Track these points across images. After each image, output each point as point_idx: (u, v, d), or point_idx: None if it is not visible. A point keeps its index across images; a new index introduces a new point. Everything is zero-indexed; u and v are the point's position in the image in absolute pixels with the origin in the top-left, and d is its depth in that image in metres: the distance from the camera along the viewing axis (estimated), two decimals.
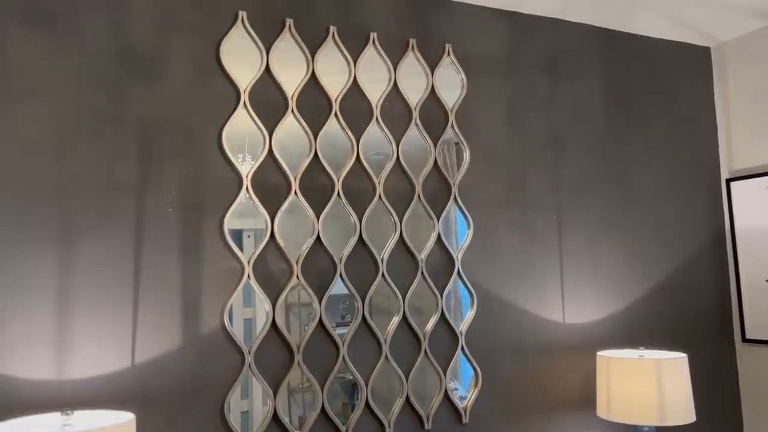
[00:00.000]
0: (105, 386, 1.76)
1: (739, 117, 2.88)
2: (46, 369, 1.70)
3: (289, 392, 1.99)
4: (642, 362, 2.17)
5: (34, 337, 1.70)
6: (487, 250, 2.38)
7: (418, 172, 2.27)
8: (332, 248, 2.09)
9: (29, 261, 1.72)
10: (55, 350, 1.72)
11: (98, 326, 1.77)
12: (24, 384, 1.67)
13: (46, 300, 1.73)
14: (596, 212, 2.62)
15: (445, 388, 2.22)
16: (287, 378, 1.98)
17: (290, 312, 2.02)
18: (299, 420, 1.99)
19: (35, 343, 1.70)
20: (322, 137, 2.12)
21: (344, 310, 2.09)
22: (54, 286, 1.74)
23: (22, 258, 1.71)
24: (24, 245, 1.72)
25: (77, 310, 1.75)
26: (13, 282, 1.70)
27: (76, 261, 1.77)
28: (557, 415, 2.42)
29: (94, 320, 1.77)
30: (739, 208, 2.84)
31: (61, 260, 1.75)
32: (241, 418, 1.91)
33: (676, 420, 2.13)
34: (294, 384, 2.00)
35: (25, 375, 1.68)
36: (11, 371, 1.67)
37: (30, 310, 1.71)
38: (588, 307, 2.54)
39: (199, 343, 1.89)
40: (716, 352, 2.80)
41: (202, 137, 1.97)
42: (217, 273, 1.94)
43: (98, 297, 1.78)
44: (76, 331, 1.75)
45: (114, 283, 1.81)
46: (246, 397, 1.93)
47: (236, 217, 1.97)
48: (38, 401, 1.68)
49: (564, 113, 2.61)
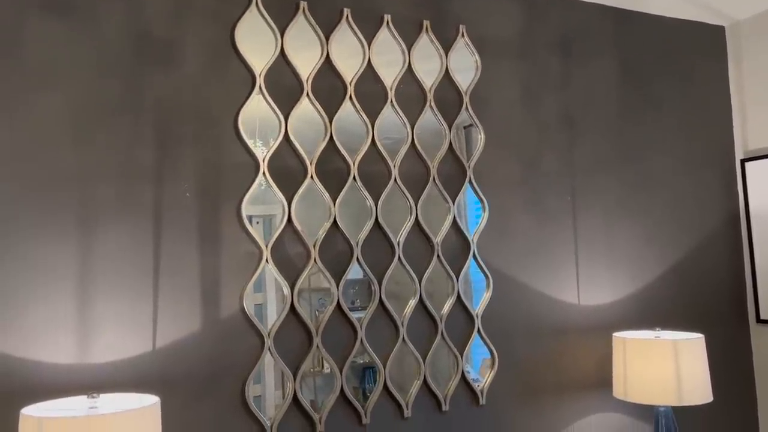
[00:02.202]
0: (127, 370, 1.78)
1: (754, 96, 2.86)
2: (70, 353, 1.72)
3: (300, 377, 2.01)
4: (659, 343, 2.17)
5: (56, 323, 1.72)
6: (502, 232, 2.38)
7: (432, 155, 2.26)
8: (348, 232, 2.10)
9: (50, 248, 1.73)
10: (77, 335, 1.73)
11: (119, 311, 1.79)
12: (48, 368, 1.69)
13: (68, 286, 1.74)
14: (611, 193, 2.61)
15: (462, 370, 2.23)
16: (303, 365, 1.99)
17: (301, 298, 2.03)
18: (311, 404, 2.00)
19: (58, 328, 1.72)
20: (337, 121, 2.11)
21: (354, 295, 2.09)
22: (75, 272, 1.75)
23: (43, 245, 1.72)
24: (45, 233, 1.73)
25: (98, 296, 1.77)
26: (35, 269, 1.71)
27: (96, 247, 1.78)
28: (573, 396, 2.43)
29: (116, 305, 1.78)
30: (753, 188, 2.83)
31: (82, 247, 1.76)
32: (254, 402, 1.92)
33: (693, 400, 2.14)
34: (305, 368, 2.01)
35: (48, 359, 1.69)
36: (35, 356, 1.68)
37: (52, 296, 1.72)
38: (603, 288, 2.54)
39: (219, 327, 1.90)
40: (730, 333, 2.80)
41: (218, 122, 1.96)
42: (235, 257, 1.94)
43: (119, 282, 1.79)
44: (98, 316, 1.76)
45: (134, 268, 1.82)
46: (259, 382, 1.95)
47: (246, 203, 1.97)
48: (62, 385, 1.69)
49: (578, 94, 2.60)
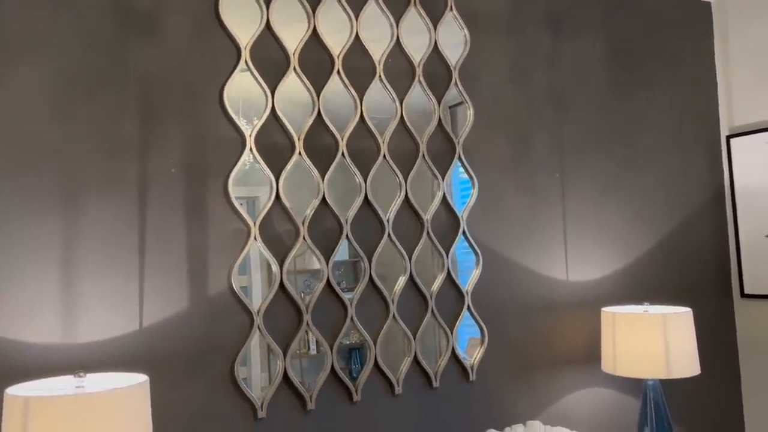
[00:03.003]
0: (114, 349, 1.74)
1: (740, 73, 2.87)
2: (55, 333, 1.68)
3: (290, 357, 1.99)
4: (648, 317, 2.18)
5: (40, 302, 1.68)
6: (491, 209, 2.37)
7: (422, 132, 2.24)
8: (338, 209, 2.07)
9: (33, 226, 1.68)
10: (62, 314, 1.69)
11: (105, 290, 1.75)
12: (33, 348, 1.65)
13: (51, 264, 1.69)
14: (599, 171, 2.61)
15: (452, 346, 2.23)
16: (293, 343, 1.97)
17: (287, 280, 2.00)
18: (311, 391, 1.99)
19: (42, 307, 1.68)
20: (325, 96, 2.08)
21: (340, 277, 2.07)
22: (59, 250, 1.71)
23: (26, 222, 1.68)
24: (27, 209, 1.68)
25: (83, 274, 1.73)
26: (17, 247, 1.66)
27: (80, 224, 1.74)
28: (562, 371, 2.44)
29: (101, 284, 1.74)
30: (738, 164, 2.85)
31: (66, 224, 1.72)
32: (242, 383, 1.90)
33: (682, 373, 2.16)
34: (291, 350, 1.99)
35: (33, 339, 1.66)
36: (19, 336, 1.64)
37: (36, 275, 1.68)
38: (591, 264, 2.55)
39: (208, 305, 1.88)
40: (716, 307, 2.84)
41: (203, 97, 1.92)
42: (222, 234, 1.91)
43: (104, 260, 1.75)
44: (83, 295, 1.72)
45: (119, 245, 1.78)
46: (244, 364, 1.93)
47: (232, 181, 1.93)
48: (48, 365, 1.66)
49: (567, 71, 2.58)
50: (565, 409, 2.43)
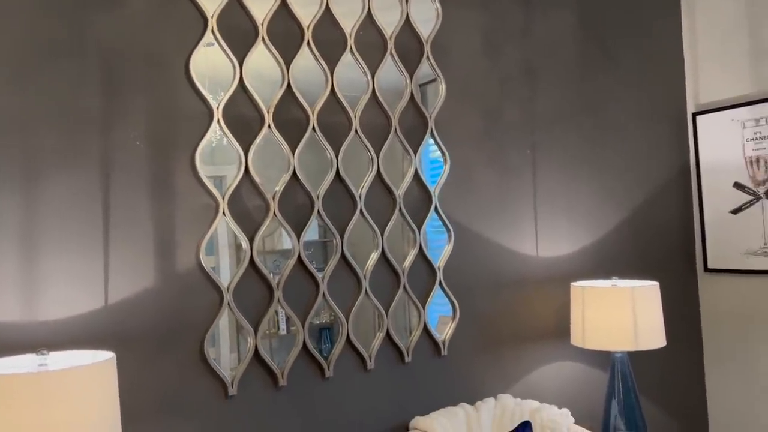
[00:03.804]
0: (78, 327, 1.69)
1: (706, 50, 2.90)
2: (15, 311, 1.62)
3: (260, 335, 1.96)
4: (617, 290, 2.21)
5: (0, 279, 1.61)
6: (462, 185, 2.36)
7: (394, 107, 2.21)
8: (309, 184, 2.04)
9: None
10: (23, 292, 1.63)
11: (68, 266, 1.69)
12: None
13: (10, 241, 1.63)
14: (569, 147, 2.63)
15: (424, 322, 2.23)
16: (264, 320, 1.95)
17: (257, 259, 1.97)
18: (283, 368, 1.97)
19: (2, 285, 1.61)
20: (295, 68, 2.03)
21: (310, 257, 2.05)
22: (17, 226, 1.64)
23: None
24: None
25: (44, 251, 1.66)
26: None
27: (40, 198, 1.67)
28: (532, 345, 2.47)
29: (63, 260, 1.69)
30: (704, 141, 2.90)
31: (24, 198, 1.65)
32: (235, 369, 1.88)
33: (648, 345, 2.20)
34: (261, 330, 1.96)
35: None
36: None
37: None
38: (561, 240, 2.58)
39: (176, 281, 1.83)
40: (680, 282, 2.90)
41: (168, 67, 1.85)
42: (190, 209, 1.86)
43: (66, 236, 1.69)
44: (45, 273, 1.66)
45: (82, 221, 1.72)
46: (213, 345, 1.90)
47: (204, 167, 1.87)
48: (9, 343, 1.60)
49: (538, 45, 2.58)
50: (536, 383, 2.46)
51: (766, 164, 2.68)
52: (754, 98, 2.72)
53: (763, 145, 2.68)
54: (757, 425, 2.73)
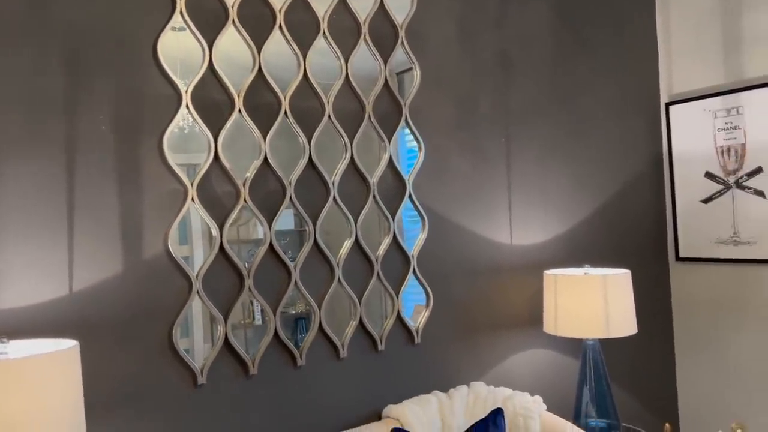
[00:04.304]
0: (42, 315, 1.65)
1: (679, 41, 2.92)
2: None
3: (230, 326, 1.94)
4: (589, 278, 2.23)
5: None
6: (437, 173, 2.35)
7: (368, 93, 2.18)
8: (281, 170, 2.01)
9: None
10: None
11: (30, 253, 1.64)
12: None
13: None
14: (544, 136, 2.63)
15: (398, 310, 2.22)
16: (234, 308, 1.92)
17: (229, 247, 1.94)
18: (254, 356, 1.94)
19: None
20: (266, 52, 1.99)
21: (285, 247, 2.03)
22: None
23: None
24: None
25: (6, 237, 1.61)
26: None
27: (0, 185, 1.62)
28: (506, 332, 2.48)
29: (26, 247, 1.64)
30: (676, 131, 2.92)
31: None
32: (205, 358, 1.86)
33: (620, 332, 2.22)
34: (235, 320, 1.94)
35: None
36: None
37: None
38: (534, 228, 2.58)
39: (143, 269, 1.79)
40: (652, 270, 2.93)
41: (135, 50, 1.81)
42: (158, 195, 1.82)
43: (28, 222, 1.64)
44: (6, 260, 1.61)
45: (45, 206, 1.67)
46: (186, 335, 1.87)
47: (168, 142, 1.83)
48: None
49: (514, 35, 2.57)
50: (509, 370, 2.47)
51: (736, 154, 2.71)
52: (725, 88, 2.74)
53: (734, 135, 2.71)
54: (727, 412, 2.78)
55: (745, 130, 2.68)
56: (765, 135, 2.61)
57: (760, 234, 2.65)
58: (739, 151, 2.70)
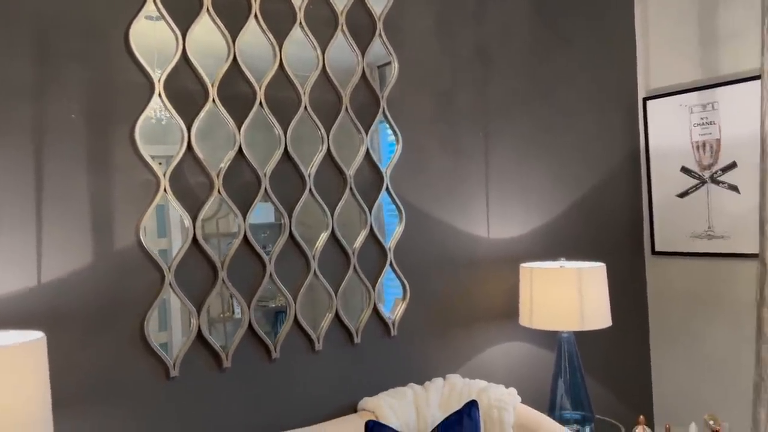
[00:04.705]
0: (8, 306, 1.62)
1: (657, 36, 2.94)
2: None
3: (209, 322, 1.92)
4: (563, 271, 2.24)
5: None
6: (415, 165, 2.35)
7: (345, 84, 2.17)
8: (256, 162, 1.99)
9: None
10: None
11: None
12: None
13: None
14: (522, 130, 2.63)
15: (374, 302, 2.21)
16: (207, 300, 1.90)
17: (209, 243, 1.92)
18: (222, 349, 1.93)
19: None
20: (242, 41, 1.97)
21: (266, 240, 2.01)
22: None
23: None
24: None
25: None
26: None
27: None
28: (482, 325, 2.48)
29: None
30: (654, 126, 2.94)
31: None
32: (161, 349, 1.83)
33: (594, 325, 2.23)
34: (215, 314, 1.92)
35: None
36: None
37: None
38: (511, 222, 2.59)
39: (113, 260, 1.77)
40: (628, 264, 2.95)
41: (107, 38, 1.77)
42: (129, 186, 1.80)
43: None
44: None
45: (13, 195, 1.63)
46: (164, 329, 1.85)
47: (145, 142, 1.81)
48: None
49: (492, 28, 2.56)
50: (485, 363, 2.48)
51: (711, 149, 2.74)
52: (701, 84, 2.77)
53: (709, 131, 2.74)
54: (701, 405, 2.82)
55: (720, 125, 2.70)
56: (739, 130, 2.64)
57: (733, 228, 2.68)
58: (714, 146, 2.73)
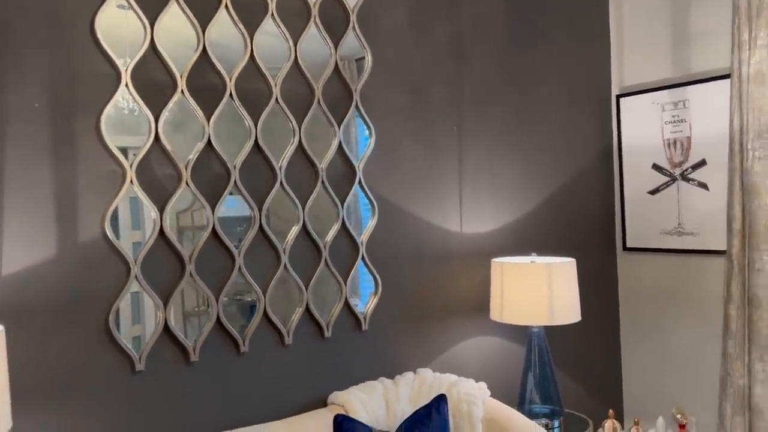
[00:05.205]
0: None
1: (631, 33, 2.96)
2: None
3: (184, 316, 1.90)
4: (534, 266, 2.25)
5: None
6: (388, 159, 2.34)
7: (318, 77, 2.15)
8: (225, 154, 1.97)
9: None
10: None
11: None
12: None
13: None
14: (496, 125, 2.64)
15: (346, 296, 2.21)
16: (177, 291, 1.88)
17: (184, 236, 1.90)
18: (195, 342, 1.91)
19: None
20: (212, 32, 1.94)
21: (241, 233, 1.99)
22: None
23: None
24: None
25: None
26: None
27: None
28: (453, 320, 2.49)
29: None
30: (626, 123, 2.97)
31: None
32: (133, 342, 1.81)
33: (564, 320, 2.25)
34: (189, 307, 1.91)
35: None
36: None
37: None
38: (484, 217, 2.60)
39: (78, 252, 1.74)
40: (600, 260, 2.98)
41: (72, 26, 1.74)
42: (95, 177, 1.77)
43: None
44: None
45: None
46: (138, 322, 1.83)
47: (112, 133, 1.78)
48: None
49: (467, 22, 2.56)
50: (456, 357, 2.49)
51: (682, 147, 2.77)
52: (673, 82, 2.79)
53: (680, 128, 2.77)
54: (670, 400, 2.86)
55: (691, 123, 2.73)
56: (709, 129, 2.68)
57: (702, 225, 2.71)
58: (685, 144, 2.76)
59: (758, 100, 2.29)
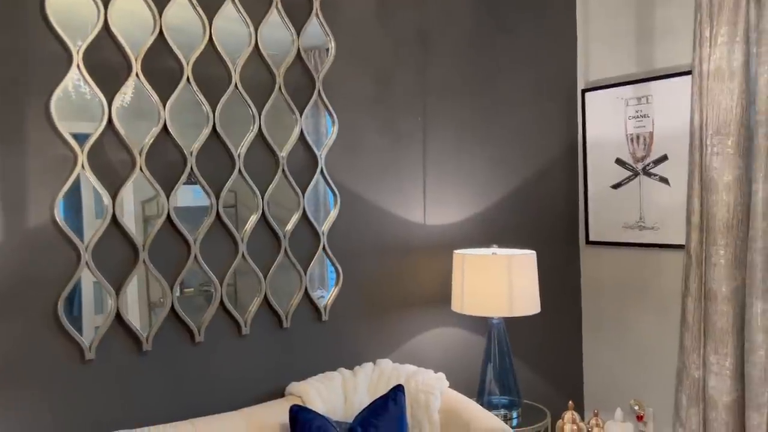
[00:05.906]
0: None
1: (597, 28, 2.98)
2: None
3: (150, 307, 1.87)
4: (494, 258, 2.25)
5: None
6: (351, 149, 2.32)
7: (279, 64, 2.12)
8: (182, 140, 1.93)
9: None
10: None
11: None
12: None
13: None
14: (461, 116, 2.63)
15: (305, 286, 2.19)
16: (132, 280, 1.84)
17: (148, 224, 1.86)
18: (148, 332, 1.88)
19: None
20: (169, 14, 1.90)
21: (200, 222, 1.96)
22: None
23: None
24: None
25: None
26: None
27: None
28: (415, 311, 2.49)
29: None
30: (591, 118, 2.99)
31: None
32: (95, 332, 1.77)
33: (523, 311, 2.26)
34: (155, 298, 1.87)
35: None
36: None
37: None
38: (448, 209, 2.59)
39: (26, 238, 1.69)
40: (563, 253, 3.00)
41: (19, 4, 1.68)
42: (44, 161, 1.72)
43: None
44: None
45: None
46: (101, 312, 1.79)
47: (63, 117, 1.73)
48: None
49: (433, 12, 2.54)
50: (416, 348, 2.49)
51: (644, 142, 2.80)
52: (637, 77, 2.82)
53: (643, 123, 2.80)
54: (629, 391, 2.90)
55: (654, 118, 2.76)
56: (670, 124, 2.71)
57: (662, 220, 2.75)
58: (648, 139, 2.79)
59: (717, 96, 2.31)
